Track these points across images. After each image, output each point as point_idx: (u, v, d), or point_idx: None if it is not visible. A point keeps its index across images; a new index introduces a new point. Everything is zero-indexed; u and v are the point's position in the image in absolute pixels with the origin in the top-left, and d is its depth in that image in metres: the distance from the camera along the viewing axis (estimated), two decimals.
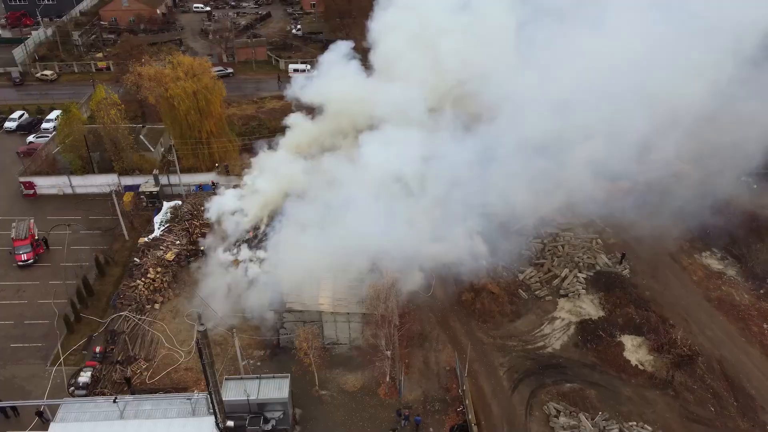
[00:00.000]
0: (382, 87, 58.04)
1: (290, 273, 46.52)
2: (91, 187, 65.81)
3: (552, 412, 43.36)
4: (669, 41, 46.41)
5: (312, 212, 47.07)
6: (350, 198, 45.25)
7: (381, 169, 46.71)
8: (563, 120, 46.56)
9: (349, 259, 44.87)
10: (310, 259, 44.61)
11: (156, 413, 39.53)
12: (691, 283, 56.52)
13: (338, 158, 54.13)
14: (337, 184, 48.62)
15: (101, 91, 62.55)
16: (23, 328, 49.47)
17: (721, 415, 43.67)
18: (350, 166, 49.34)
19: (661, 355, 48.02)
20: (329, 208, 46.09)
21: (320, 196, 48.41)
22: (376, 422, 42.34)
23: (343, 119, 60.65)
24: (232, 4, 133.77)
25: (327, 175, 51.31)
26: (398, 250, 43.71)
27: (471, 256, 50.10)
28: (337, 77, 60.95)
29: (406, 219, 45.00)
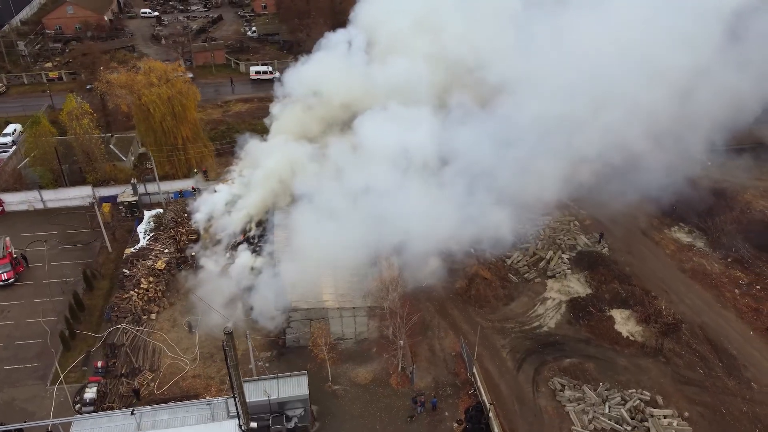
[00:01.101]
0: (387, 64, 57.82)
1: (295, 271, 46.73)
2: (64, 201, 63.61)
3: (557, 386, 45.32)
4: (652, 25, 49.01)
5: (328, 199, 46.85)
6: (368, 182, 45.24)
7: (392, 149, 46.87)
8: (557, 103, 48.26)
9: (369, 246, 44.93)
10: (327, 250, 44.65)
11: (174, 422, 39.09)
12: (665, 257, 59.97)
13: (343, 142, 53.89)
14: (348, 168, 48.43)
15: (72, 101, 60.52)
16: (14, 349, 47.63)
17: (710, 376, 46.68)
18: (359, 149, 49.30)
19: (649, 325, 50.83)
20: (346, 194, 45.99)
21: (333, 182, 48.02)
22: (392, 411, 43.19)
23: (334, 107, 59.89)
24: (181, 9, 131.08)
25: (336, 158, 50.94)
26: (424, 234, 44.40)
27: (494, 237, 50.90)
28: (335, 62, 60.23)
29: (425, 202, 45.45)
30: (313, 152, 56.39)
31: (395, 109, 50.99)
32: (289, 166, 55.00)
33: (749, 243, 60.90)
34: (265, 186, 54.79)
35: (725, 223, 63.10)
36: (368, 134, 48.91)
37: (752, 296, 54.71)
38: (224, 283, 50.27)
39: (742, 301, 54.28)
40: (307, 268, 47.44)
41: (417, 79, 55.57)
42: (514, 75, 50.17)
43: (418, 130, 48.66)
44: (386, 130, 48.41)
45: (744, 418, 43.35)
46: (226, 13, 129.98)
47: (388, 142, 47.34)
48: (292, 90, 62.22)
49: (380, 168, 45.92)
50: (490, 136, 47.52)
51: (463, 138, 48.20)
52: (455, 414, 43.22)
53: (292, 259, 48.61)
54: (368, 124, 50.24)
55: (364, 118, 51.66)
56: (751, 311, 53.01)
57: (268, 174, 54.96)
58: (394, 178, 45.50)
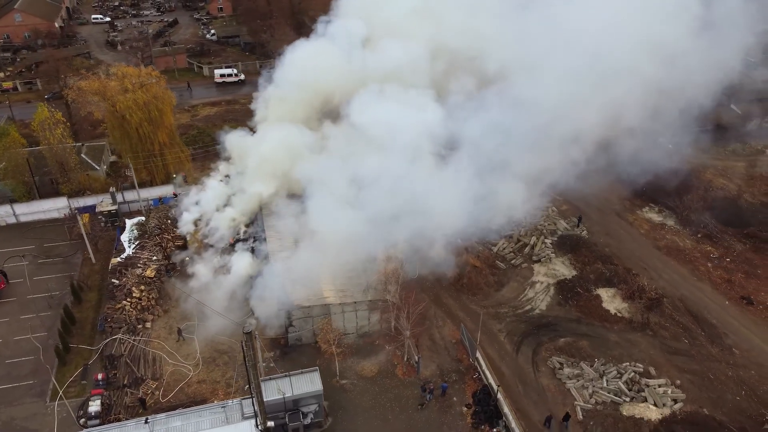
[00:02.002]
0: (384, 48, 57.51)
1: (293, 269, 46.79)
2: (37, 214, 61.53)
3: (556, 365, 47.03)
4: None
5: (332, 188, 46.68)
6: (374, 169, 45.22)
7: (396, 132, 46.84)
8: (555, 87, 49.41)
9: (373, 238, 45.03)
10: (325, 244, 44.66)
11: (188, 428, 38.75)
12: (640, 236, 62.81)
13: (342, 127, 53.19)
14: (353, 154, 48.22)
15: (44, 111, 58.51)
16: (6, 368, 45.99)
17: (694, 345, 49.32)
18: (359, 133, 49.02)
19: (634, 301, 53.23)
20: (350, 182, 45.86)
21: (336, 170, 47.66)
22: (401, 401, 43.92)
23: (326, 94, 59.10)
24: (133, 14, 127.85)
25: (339, 143, 50.62)
26: (430, 223, 44.97)
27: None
28: (329, 47, 59.66)
29: (433, 189, 45.85)
30: (310, 138, 55.65)
31: (395, 90, 50.86)
32: (285, 151, 53.92)
33: (715, 219, 64.52)
34: (260, 176, 53.85)
35: (692, 201, 66.43)
36: (371, 117, 48.33)
37: (723, 268, 58.02)
38: (222, 286, 49.82)
39: (715, 273, 57.50)
40: (305, 266, 47.56)
41: (415, 62, 55.35)
42: (511, 61, 51.13)
43: (424, 112, 48.77)
44: (390, 113, 48.16)
45: (730, 381, 46.05)
46: (181, 16, 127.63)
47: (392, 126, 47.13)
48: (285, 76, 60.62)
49: (386, 153, 45.85)
50: (490, 120, 48.51)
51: (467, 123, 49.02)
52: (463, 399, 44.32)
53: (289, 258, 48.65)
54: (370, 106, 49.69)
55: (364, 100, 50.96)
56: (725, 282, 56.23)
57: (262, 161, 53.95)
58: (402, 164, 45.57)
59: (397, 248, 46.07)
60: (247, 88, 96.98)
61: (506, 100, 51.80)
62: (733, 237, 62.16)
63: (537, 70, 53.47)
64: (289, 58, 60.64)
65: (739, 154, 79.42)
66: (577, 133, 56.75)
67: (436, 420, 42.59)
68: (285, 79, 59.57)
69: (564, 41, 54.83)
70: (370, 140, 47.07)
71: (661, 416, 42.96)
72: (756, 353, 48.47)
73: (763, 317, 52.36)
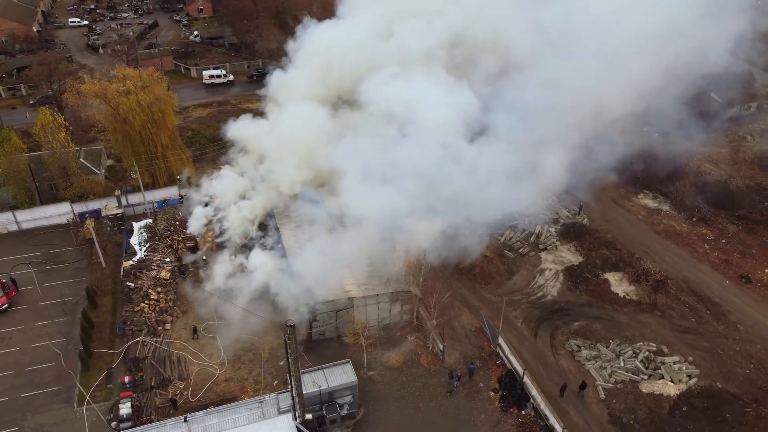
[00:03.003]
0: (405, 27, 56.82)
1: (313, 265, 47.11)
2: (40, 220, 60.45)
3: (574, 348, 48.49)
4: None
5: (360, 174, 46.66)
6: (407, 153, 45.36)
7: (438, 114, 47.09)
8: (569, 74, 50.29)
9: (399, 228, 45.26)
10: (343, 239, 44.61)
11: (226, 424, 38.86)
12: (638, 222, 64.92)
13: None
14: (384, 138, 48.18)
15: (46, 114, 57.48)
16: (28, 376, 45.28)
17: (702, 323, 51.37)
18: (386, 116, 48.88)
19: (641, 284, 55.07)
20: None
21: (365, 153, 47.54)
22: (430, 389, 44.77)
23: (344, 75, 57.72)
24: (111, 16, 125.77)
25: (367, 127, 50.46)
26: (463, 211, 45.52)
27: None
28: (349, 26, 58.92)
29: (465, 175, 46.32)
30: (330, 119, 54.85)
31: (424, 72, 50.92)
32: (308, 129, 52.93)
33: (707, 203, 67.05)
34: (284, 157, 53.16)
35: (684, 187, 68.86)
36: (403, 98, 48.09)
37: (720, 249, 60.43)
38: (243, 284, 49.89)
39: (713, 254, 59.84)
40: (325, 260, 47.96)
41: (435, 48, 55.42)
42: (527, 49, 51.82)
43: (456, 94, 49.06)
44: (423, 94, 48.15)
45: (738, 356, 48.13)
46: (160, 18, 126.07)
47: (424, 107, 47.18)
48: (303, 55, 59.85)
49: (419, 137, 46.00)
50: (511, 107, 49.44)
51: (495, 107, 49.72)
52: (489, 384, 45.39)
53: (307, 253, 48.95)
54: (401, 87, 49.40)
55: (394, 81, 50.56)
56: (722, 263, 58.59)
57: (283, 141, 53.16)
58: (437, 147, 45.74)
59: (429, 237, 46.43)
60: (236, 88, 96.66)
61: (527, 86, 52.33)
62: (726, 219, 64.70)
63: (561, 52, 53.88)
64: (310, 37, 59.71)
65: (722, 141, 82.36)
66: (598, 113, 57.50)
67: (466, 405, 43.57)
68: (304, 59, 58.76)
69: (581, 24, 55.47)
70: (399, 122, 47.10)
71: (679, 391, 44.75)
72: (759, 328, 50.71)
73: (762, 294, 54.75)
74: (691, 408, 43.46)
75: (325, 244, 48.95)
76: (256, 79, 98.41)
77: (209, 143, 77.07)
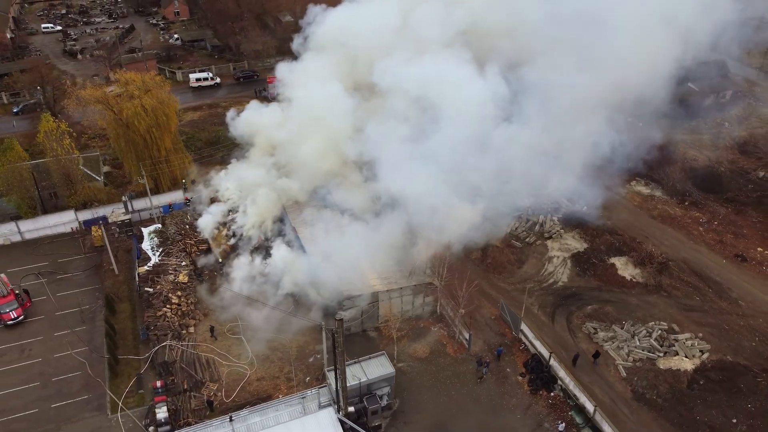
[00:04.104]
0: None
1: (336, 261, 47.62)
2: (44, 230, 59.30)
3: (590, 330, 50.30)
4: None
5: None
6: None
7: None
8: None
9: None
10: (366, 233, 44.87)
11: (269, 421, 39.39)
12: (634, 208, 67.38)
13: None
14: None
15: (50, 121, 56.39)
16: (55, 386, 44.68)
17: (706, 301, 53.83)
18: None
19: (645, 267, 57.33)
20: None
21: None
22: (460, 377, 45.92)
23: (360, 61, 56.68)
24: (85, 21, 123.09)
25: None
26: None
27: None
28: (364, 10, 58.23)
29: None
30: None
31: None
32: (334, 111, 52.06)
33: (696, 187, 70.07)
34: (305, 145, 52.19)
35: (674, 173, 71.79)
36: (434, 80, 47.97)
37: (714, 231, 63.25)
38: (265, 284, 50.18)
39: (708, 236, 62.60)
40: (346, 255, 48.51)
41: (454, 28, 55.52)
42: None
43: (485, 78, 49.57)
44: (454, 76, 48.35)
45: (743, 330, 50.67)
46: (135, 22, 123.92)
47: (456, 90, 47.43)
48: (320, 39, 58.68)
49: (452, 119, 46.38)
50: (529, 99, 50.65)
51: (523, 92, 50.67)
52: (516, 369, 46.82)
53: (330, 250, 49.40)
54: (431, 70, 49.29)
55: (412, 62, 50.30)
56: (717, 243, 61.37)
57: (307, 126, 52.20)
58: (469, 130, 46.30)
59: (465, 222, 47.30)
60: (223, 91, 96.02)
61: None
62: (716, 202, 67.68)
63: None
64: (327, 20, 59.41)
65: (702, 128, 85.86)
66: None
67: (496, 391, 44.88)
68: (320, 42, 58.64)
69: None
70: (428, 105, 47.52)
71: (694, 366, 46.91)
72: (759, 303, 53.42)
73: (757, 271, 57.62)
74: (707, 381, 45.68)
75: (345, 240, 49.46)
76: (242, 81, 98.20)
77: (205, 146, 76.62)
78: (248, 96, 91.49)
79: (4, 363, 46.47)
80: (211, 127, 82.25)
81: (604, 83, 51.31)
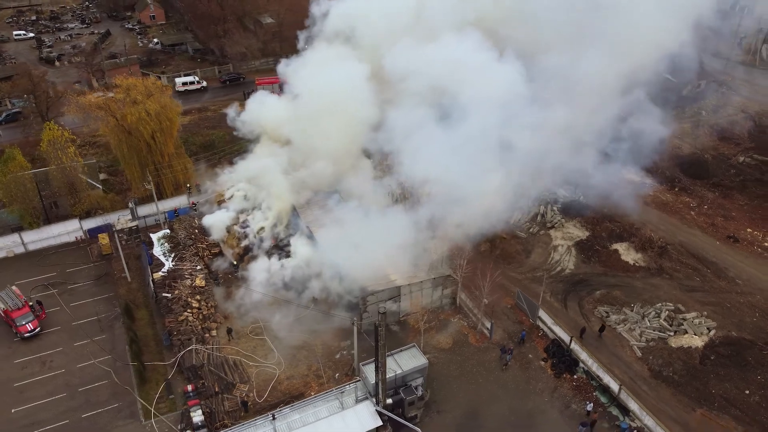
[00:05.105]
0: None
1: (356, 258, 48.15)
2: (47, 240, 58.22)
3: (602, 314, 52.20)
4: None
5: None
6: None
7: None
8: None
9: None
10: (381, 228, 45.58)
11: (309, 418, 39.85)
12: (629, 195, 69.61)
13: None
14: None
15: (54, 129, 55.33)
16: (82, 396, 44.14)
17: (706, 281, 56.38)
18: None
19: (646, 251, 59.68)
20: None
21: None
22: (485, 365, 47.19)
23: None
24: (57, 27, 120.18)
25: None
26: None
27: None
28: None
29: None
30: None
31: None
32: (352, 89, 51.73)
33: (683, 174, 73.05)
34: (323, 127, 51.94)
35: (663, 161, 74.58)
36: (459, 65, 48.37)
37: (705, 215, 66.13)
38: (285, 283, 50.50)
39: (700, 219, 65.43)
40: (364, 252, 49.13)
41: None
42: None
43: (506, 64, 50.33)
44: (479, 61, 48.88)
45: (743, 307, 53.30)
46: (110, 27, 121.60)
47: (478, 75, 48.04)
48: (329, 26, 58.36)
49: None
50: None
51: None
52: (537, 355, 48.32)
53: (348, 246, 49.92)
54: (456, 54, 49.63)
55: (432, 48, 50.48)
56: (709, 226, 64.22)
57: (325, 106, 51.73)
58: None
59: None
60: (209, 94, 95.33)
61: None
62: (703, 188, 70.74)
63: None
64: (339, 8, 59.44)
65: (681, 117, 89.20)
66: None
67: (522, 376, 46.29)
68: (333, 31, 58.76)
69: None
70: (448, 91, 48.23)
71: (703, 343, 49.21)
72: (755, 281, 56.21)
73: (749, 251, 60.54)
74: (718, 356, 48.01)
75: (364, 236, 50.02)
76: (228, 83, 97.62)
77: (201, 150, 76.16)
78: (236, 98, 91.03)
79: (27, 376, 45.70)
80: (204, 131, 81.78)
81: (614, 69, 52.96)
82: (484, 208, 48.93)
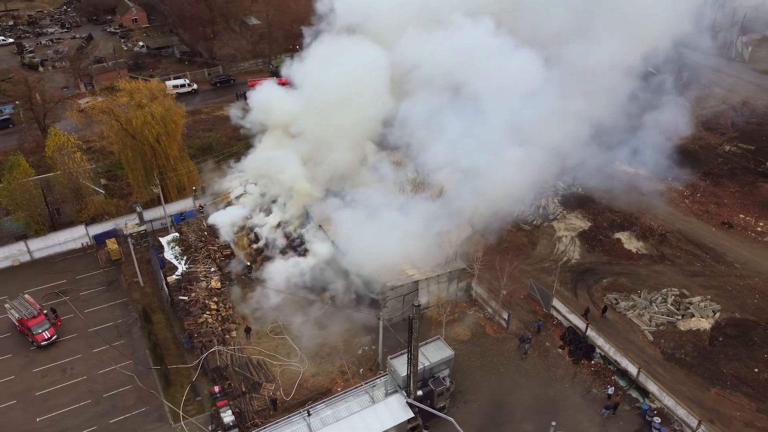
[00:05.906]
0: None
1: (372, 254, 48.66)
2: (54, 247, 57.44)
3: (612, 301, 53.72)
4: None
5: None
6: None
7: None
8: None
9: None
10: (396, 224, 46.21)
11: (342, 413, 40.30)
12: (624, 186, 71.60)
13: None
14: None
15: (60, 135, 54.56)
16: (108, 402, 43.85)
17: (706, 266, 58.39)
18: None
19: (647, 239, 61.51)
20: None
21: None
22: (505, 355, 48.24)
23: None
24: (38, 32, 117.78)
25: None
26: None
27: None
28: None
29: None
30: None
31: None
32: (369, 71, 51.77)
33: (674, 164, 75.25)
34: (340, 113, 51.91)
35: (654, 151, 76.65)
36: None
37: (698, 202, 68.37)
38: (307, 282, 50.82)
39: (694, 207, 67.63)
40: (380, 247, 49.67)
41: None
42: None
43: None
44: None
45: (744, 289, 55.39)
46: (91, 31, 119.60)
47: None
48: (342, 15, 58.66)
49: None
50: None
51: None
52: (554, 343, 49.55)
53: (364, 243, 50.38)
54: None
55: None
56: (704, 213, 66.43)
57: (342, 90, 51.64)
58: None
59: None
60: (200, 97, 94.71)
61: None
62: (694, 177, 73.05)
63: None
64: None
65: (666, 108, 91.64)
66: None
67: (542, 364, 47.47)
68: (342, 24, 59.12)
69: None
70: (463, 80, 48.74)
71: (710, 325, 51.06)
72: (752, 264, 58.42)
73: (744, 236, 62.85)
74: (725, 337, 49.88)
75: (378, 232, 50.51)
76: (219, 85, 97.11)
77: (199, 153, 75.72)
78: (228, 100, 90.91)
79: (49, 384, 45.21)
80: (201, 133, 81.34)
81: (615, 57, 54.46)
82: (504, 192, 49.72)
